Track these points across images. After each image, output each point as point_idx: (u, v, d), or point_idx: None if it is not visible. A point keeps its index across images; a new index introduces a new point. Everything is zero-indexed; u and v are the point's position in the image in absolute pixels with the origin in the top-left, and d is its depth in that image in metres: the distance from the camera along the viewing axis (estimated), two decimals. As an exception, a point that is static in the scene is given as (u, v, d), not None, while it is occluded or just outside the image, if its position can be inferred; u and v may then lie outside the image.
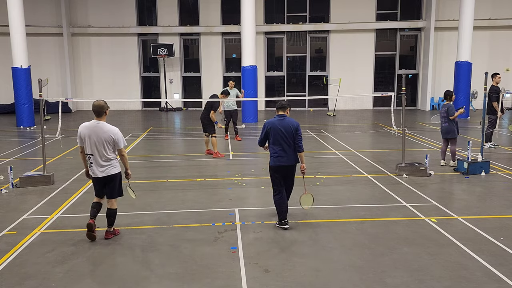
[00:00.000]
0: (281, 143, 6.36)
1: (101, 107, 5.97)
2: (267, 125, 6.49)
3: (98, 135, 5.87)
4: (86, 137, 5.90)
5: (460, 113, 10.02)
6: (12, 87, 18.47)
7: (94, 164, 5.95)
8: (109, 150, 5.93)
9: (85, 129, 5.94)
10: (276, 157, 6.43)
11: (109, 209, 6.13)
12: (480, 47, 22.62)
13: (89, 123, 5.97)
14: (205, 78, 24.63)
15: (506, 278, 4.89)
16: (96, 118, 5.97)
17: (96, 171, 5.98)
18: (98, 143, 5.87)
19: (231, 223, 6.70)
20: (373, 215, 7.08)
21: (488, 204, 7.56)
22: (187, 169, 10.53)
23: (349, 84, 22.92)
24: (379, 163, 10.61)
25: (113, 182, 6.06)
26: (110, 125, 5.99)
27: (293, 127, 6.39)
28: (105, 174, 5.97)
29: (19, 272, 5.20)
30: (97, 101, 6.03)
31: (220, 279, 4.96)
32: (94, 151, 5.90)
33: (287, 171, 6.51)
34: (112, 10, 24.19)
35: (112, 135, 5.90)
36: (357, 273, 5.08)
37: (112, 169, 5.99)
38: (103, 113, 5.97)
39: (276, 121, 6.45)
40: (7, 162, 11.03)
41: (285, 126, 6.38)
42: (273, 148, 6.44)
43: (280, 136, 6.36)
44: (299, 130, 6.46)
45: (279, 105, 6.61)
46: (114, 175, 6.04)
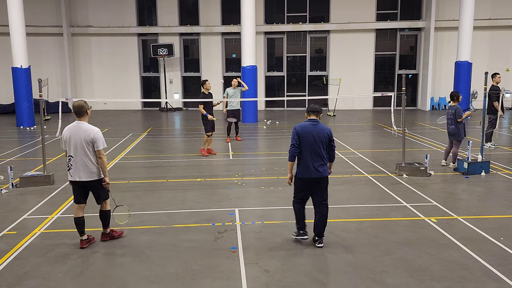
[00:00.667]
0: (311, 151, 5.65)
1: (81, 107, 5.73)
2: (298, 129, 5.71)
3: (78, 135, 5.66)
4: (68, 139, 5.72)
5: (467, 115, 9.94)
6: (12, 87, 18.48)
7: (74, 167, 5.70)
8: (90, 152, 5.67)
9: (67, 131, 5.76)
10: (304, 168, 5.70)
11: (101, 210, 5.99)
12: (480, 47, 22.62)
13: (71, 124, 5.79)
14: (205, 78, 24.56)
15: (506, 278, 4.89)
16: (77, 119, 5.77)
17: (75, 174, 5.71)
18: (78, 144, 5.65)
19: (231, 223, 6.70)
20: (373, 215, 7.08)
21: (488, 204, 7.56)
22: (187, 169, 10.53)
23: (349, 84, 22.92)
24: (379, 163, 10.61)
25: (95, 186, 5.82)
26: (90, 125, 5.76)
27: (327, 134, 5.70)
28: (85, 178, 5.71)
29: (19, 272, 5.20)
30: (77, 101, 5.79)
31: (220, 279, 4.96)
32: (75, 153, 5.67)
33: (316, 184, 5.74)
34: (112, 10, 24.19)
35: (91, 134, 5.65)
36: (357, 273, 5.08)
37: (92, 174, 5.73)
38: (83, 113, 5.74)
39: (308, 126, 5.72)
40: (7, 162, 11.03)
41: (318, 132, 5.66)
42: (303, 157, 5.70)
43: (311, 143, 5.64)
44: (333, 138, 5.81)
45: (312, 109, 5.81)
46: (95, 181, 5.78)
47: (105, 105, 24.77)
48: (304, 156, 5.68)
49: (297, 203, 5.92)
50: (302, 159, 5.70)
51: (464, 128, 9.89)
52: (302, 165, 5.70)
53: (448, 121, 9.99)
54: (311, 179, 5.70)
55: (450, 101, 10.02)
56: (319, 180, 5.71)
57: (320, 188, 5.76)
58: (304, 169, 5.68)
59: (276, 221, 6.81)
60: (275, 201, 7.79)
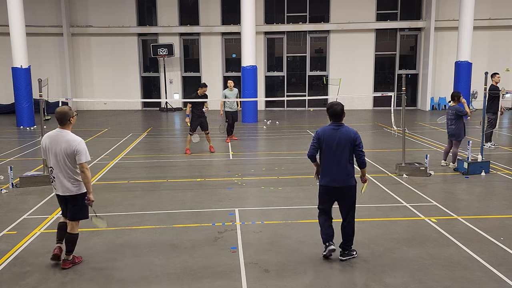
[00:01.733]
0: (333, 158, 5.26)
1: (64, 114, 5.11)
2: (319, 133, 5.35)
3: (58, 145, 5.06)
4: (47, 148, 5.14)
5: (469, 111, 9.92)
6: (12, 87, 18.48)
7: (56, 179, 5.16)
8: (71, 165, 5.08)
9: (47, 138, 5.17)
10: (325, 175, 5.35)
11: (69, 233, 5.24)
12: (480, 47, 22.62)
13: (52, 132, 5.20)
14: (205, 78, 24.56)
15: (506, 278, 4.89)
16: (59, 127, 5.16)
17: (57, 187, 5.18)
18: (59, 155, 5.06)
19: (231, 223, 6.70)
20: (373, 215, 7.08)
21: (488, 204, 7.56)
22: (187, 169, 10.53)
23: (349, 84, 22.92)
24: (379, 163, 10.61)
25: (74, 202, 5.19)
26: (73, 135, 5.14)
27: (351, 138, 5.22)
28: (66, 192, 5.15)
29: (19, 272, 5.20)
30: (60, 107, 5.21)
31: (220, 279, 4.96)
32: (55, 164, 5.11)
33: (339, 194, 5.35)
34: (112, 10, 24.18)
35: (72, 146, 5.02)
36: (357, 273, 5.08)
37: (74, 187, 5.13)
38: (66, 120, 5.12)
39: (329, 130, 5.29)
40: (7, 162, 11.03)
41: (340, 137, 5.21)
42: (324, 164, 5.36)
43: (333, 149, 5.23)
44: (359, 141, 5.28)
45: (331, 113, 5.28)
46: (76, 196, 5.17)
47: (105, 105, 24.77)
48: (324, 163, 5.33)
49: (320, 215, 5.50)
50: (323, 166, 5.36)
51: (464, 128, 9.89)
52: (323, 172, 5.38)
53: (448, 121, 9.98)
54: (333, 189, 5.31)
55: (450, 101, 10.01)
56: (342, 189, 5.29)
57: (345, 200, 5.35)
58: (325, 176, 5.34)
59: (276, 221, 6.81)
60: (275, 201, 7.79)
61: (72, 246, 5.28)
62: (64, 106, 5.24)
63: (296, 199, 7.91)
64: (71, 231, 5.25)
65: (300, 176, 9.43)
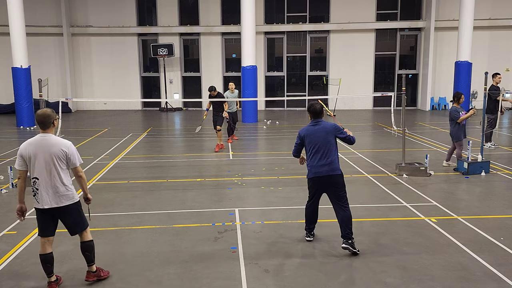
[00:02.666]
0: (316, 151, 5.60)
1: (46, 117, 4.63)
2: (301, 133, 5.79)
3: (46, 150, 4.57)
4: (32, 156, 4.58)
5: (469, 115, 9.74)
6: (12, 87, 18.48)
7: (41, 191, 4.60)
8: (61, 171, 4.62)
9: (29, 146, 4.62)
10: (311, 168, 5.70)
11: (82, 242, 4.86)
12: (480, 47, 22.63)
13: (33, 138, 4.67)
14: (205, 78, 24.62)
15: (506, 278, 4.89)
16: (41, 131, 4.67)
17: (43, 199, 4.61)
18: (46, 162, 4.56)
19: (231, 223, 6.70)
20: (373, 215, 7.08)
21: (488, 204, 7.56)
22: (187, 169, 10.53)
23: (349, 84, 22.92)
24: (379, 163, 10.61)
25: (70, 214, 4.74)
26: (59, 138, 4.72)
27: (330, 130, 5.62)
28: (55, 204, 4.63)
29: (19, 272, 5.20)
30: (42, 109, 4.72)
31: (220, 279, 4.96)
32: (41, 174, 4.58)
33: (327, 184, 5.63)
34: (112, 10, 24.19)
35: (63, 149, 4.61)
36: (357, 273, 5.08)
37: (65, 198, 4.66)
38: (50, 123, 4.65)
39: (310, 128, 5.71)
40: (7, 162, 11.03)
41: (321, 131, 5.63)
42: (309, 158, 5.72)
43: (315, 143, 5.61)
44: (339, 128, 5.71)
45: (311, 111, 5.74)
46: (70, 206, 4.70)
47: (105, 105, 24.78)
48: (310, 157, 5.70)
49: (307, 206, 5.98)
50: (308, 160, 5.73)
51: (464, 130, 9.84)
52: (309, 165, 5.73)
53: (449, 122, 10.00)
54: (319, 178, 5.63)
55: (451, 100, 10.00)
56: (328, 178, 5.58)
57: (334, 190, 5.60)
58: (311, 168, 5.69)
59: (276, 221, 6.81)
60: (275, 201, 7.79)
61: (91, 255, 4.88)
62: (46, 109, 4.77)
63: (296, 199, 7.91)
64: (83, 239, 4.86)
65: (300, 176, 9.42)
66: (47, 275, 4.79)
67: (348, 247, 5.48)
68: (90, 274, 4.92)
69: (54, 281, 4.81)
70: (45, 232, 4.79)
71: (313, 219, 5.97)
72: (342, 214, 5.59)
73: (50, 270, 4.77)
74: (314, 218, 5.97)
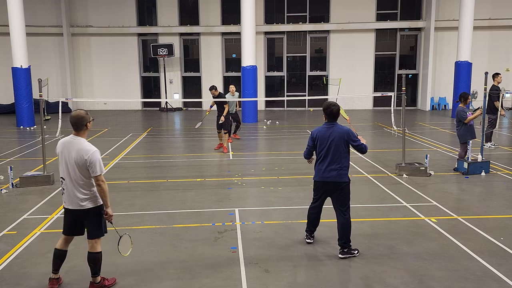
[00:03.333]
0: (326, 154, 5.45)
1: (80, 119, 4.55)
2: (313, 134, 5.61)
3: (70, 153, 4.52)
4: (60, 156, 4.61)
5: (476, 116, 9.58)
6: (12, 87, 18.47)
7: (65, 191, 4.62)
8: (82, 177, 4.53)
9: (60, 145, 4.64)
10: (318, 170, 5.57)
11: (90, 252, 4.70)
12: (480, 47, 22.62)
13: (65, 138, 4.66)
14: (205, 78, 24.62)
15: (506, 278, 4.89)
16: (74, 133, 4.61)
17: (67, 200, 4.62)
18: (69, 165, 4.53)
19: (231, 223, 6.70)
20: (373, 215, 7.08)
21: (488, 204, 7.56)
22: (187, 169, 10.53)
23: (349, 84, 22.92)
24: (379, 163, 10.61)
25: (90, 218, 4.66)
26: (87, 144, 4.56)
27: (344, 136, 5.40)
28: (77, 206, 4.59)
29: (19, 272, 5.20)
30: (76, 111, 4.60)
31: (220, 279, 4.96)
32: (65, 174, 4.57)
33: (332, 190, 5.52)
34: (112, 10, 24.19)
35: (84, 156, 4.46)
36: (357, 273, 5.08)
37: (86, 201, 4.59)
38: (82, 126, 4.57)
39: (323, 129, 5.52)
40: (7, 162, 11.03)
41: (334, 135, 5.41)
42: (319, 161, 5.58)
43: (327, 146, 5.43)
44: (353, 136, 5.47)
45: (326, 112, 5.49)
46: (90, 210, 4.62)
47: (105, 105, 24.77)
48: (319, 159, 5.56)
49: (310, 207, 5.85)
50: (317, 162, 5.60)
51: (471, 130, 9.64)
52: (317, 167, 5.61)
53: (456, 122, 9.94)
54: (325, 183, 5.52)
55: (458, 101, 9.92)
56: (335, 185, 5.47)
57: (338, 195, 5.50)
58: (319, 171, 5.55)
59: (276, 221, 6.81)
60: (275, 201, 7.79)
61: (96, 267, 4.69)
62: (80, 110, 4.63)
63: (296, 199, 7.91)
64: (91, 250, 4.68)
65: (300, 176, 9.42)
66: (53, 271, 4.77)
67: (346, 257, 5.44)
68: (93, 285, 4.73)
69: (55, 279, 4.78)
70: (66, 231, 4.80)
71: (315, 223, 5.90)
72: (341, 222, 5.50)
73: (58, 266, 4.78)
74: (316, 222, 5.90)
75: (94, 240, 4.70)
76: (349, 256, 5.46)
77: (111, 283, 4.85)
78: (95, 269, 4.73)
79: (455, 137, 10.45)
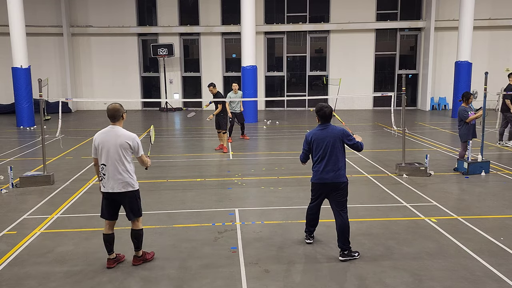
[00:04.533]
0: (323, 156, 5.49)
1: (116, 111, 5.27)
2: (308, 137, 5.65)
3: (112, 140, 5.19)
4: (100, 145, 5.20)
5: (478, 116, 9.56)
6: (12, 87, 18.47)
7: (107, 177, 5.17)
8: (126, 160, 5.22)
9: (99, 136, 5.27)
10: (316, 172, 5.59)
11: (133, 229, 5.35)
12: (480, 47, 22.61)
13: (104, 129, 5.31)
14: (205, 78, 24.58)
15: (506, 278, 4.90)
16: (111, 123, 5.30)
17: (108, 184, 5.17)
18: (112, 151, 5.17)
19: (231, 223, 6.70)
20: (373, 215, 7.08)
21: (488, 204, 7.56)
22: (187, 169, 10.53)
23: (349, 84, 22.92)
24: (379, 163, 10.61)
25: (129, 201, 5.24)
26: (126, 130, 5.36)
27: (339, 135, 5.47)
28: (117, 189, 5.16)
29: (19, 272, 5.20)
30: (112, 104, 5.31)
31: (220, 279, 4.97)
32: (108, 161, 5.16)
33: (330, 190, 5.54)
34: (112, 10, 24.17)
35: (128, 141, 5.25)
36: (357, 273, 5.08)
37: (126, 185, 5.19)
38: (119, 117, 5.29)
39: (318, 132, 5.57)
40: (7, 162, 11.03)
41: (329, 136, 5.47)
42: (316, 163, 5.60)
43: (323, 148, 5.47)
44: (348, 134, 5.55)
45: (320, 114, 5.55)
46: (131, 192, 5.22)
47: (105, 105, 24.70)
48: (316, 161, 5.57)
49: (309, 207, 5.88)
50: (314, 164, 5.61)
51: (473, 130, 9.65)
52: (315, 169, 5.60)
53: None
54: (323, 185, 5.54)
55: (460, 100, 9.92)
56: (333, 185, 5.49)
57: (336, 195, 5.51)
58: (317, 173, 5.57)
59: (276, 221, 6.81)
60: (275, 201, 7.79)
61: (138, 242, 5.33)
62: (116, 103, 5.33)
63: (296, 199, 7.91)
64: (134, 227, 5.34)
65: (300, 176, 9.42)
66: (108, 252, 5.33)
67: (346, 259, 5.42)
68: (136, 258, 5.36)
69: (112, 258, 5.33)
70: (105, 215, 5.30)
71: (313, 223, 5.92)
72: (340, 222, 5.48)
73: (109, 248, 5.31)
74: (315, 222, 5.92)
75: (136, 219, 5.31)
76: (350, 259, 5.44)
77: (151, 256, 5.47)
78: (138, 244, 5.34)
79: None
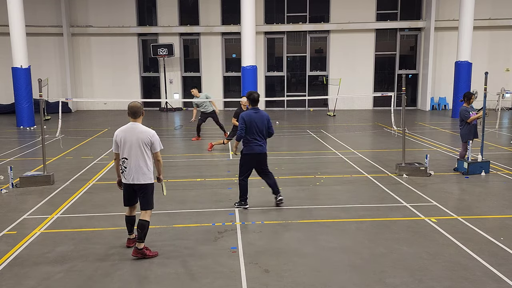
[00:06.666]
0: (255, 133, 7.13)
1: (138, 108, 5.66)
2: (245, 117, 7.15)
3: (134, 136, 5.56)
4: (122, 140, 5.58)
5: (479, 116, 9.58)
6: (12, 87, 18.47)
7: (128, 169, 5.55)
8: (146, 154, 5.59)
9: (121, 132, 5.64)
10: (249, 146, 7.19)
11: (140, 219, 5.60)
12: (480, 47, 22.61)
13: (126, 125, 5.67)
14: (205, 78, 24.63)
15: (506, 278, 4.90)
16: (132, 120, 5.67)
17: (129, 176, 5.56)
18: (134, 145, 5.54)
19: (231, 223, 6.70)
20: (373, 215, 7.08)
21: (488, 204, 7.56)
22: (187, 169, 10.53)
23: (349, 84, 22.92)
24: (379, 163, 10.61)
25: (145, 192, 5.62)
26: (146, 127, 5.73)
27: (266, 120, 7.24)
28: (137, 181, 5.55)
29: (19, 272, 5.20)
30: (133, 102, 5.73)
31: (220, 279, 4.97)
32: (129, 155, 5.54)
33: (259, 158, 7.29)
34: (112, 10, 24.18)
35: (149, 136, 5.61)
36: (357, 273, 5.08)
37: (145, 177, 5.57)
38: (139, 114, 5.68)
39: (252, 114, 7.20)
40: (7, 162, 11.03)
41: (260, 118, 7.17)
42: (248, 139, 7.17)
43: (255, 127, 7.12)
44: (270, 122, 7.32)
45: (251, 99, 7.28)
46: (147, 185, 5.60)
47: (105, 105, 24.77)
48: (249, 137, 7.15)
49: (245, 180, 7.34)
50: (248, 140, 7.15)
51: (474, 131, 9.66)
52: (247, 144, 7.17)
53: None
54: (255, 155, 7.20)
55: (462, 100, 9.92)
56: (262, 155, 7.28)
57: (263, 162, 7.36)
58: (250, 147, 7.17)
59: (276, 221, 6.81)
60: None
61: (142, 233, 5.53)
62: (136, 102, 5.74)
63: (296, 199, 7.91)
64: (142, 217, 5.59)
65: (300, 176, 9.42)
66: (128, 233, 5.88)
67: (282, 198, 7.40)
68: (136, 250, 5.54)
69: (132, 238, 5.82)
70: (128, 202, 5.80)
71: (247, 191, 7.38)
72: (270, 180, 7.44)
73: (130, 228, 5.86)
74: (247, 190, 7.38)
75: (145, 211, 5.62)
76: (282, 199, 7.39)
77: (152, 254, 5.58)
78: (141, 234, 5.54)
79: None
